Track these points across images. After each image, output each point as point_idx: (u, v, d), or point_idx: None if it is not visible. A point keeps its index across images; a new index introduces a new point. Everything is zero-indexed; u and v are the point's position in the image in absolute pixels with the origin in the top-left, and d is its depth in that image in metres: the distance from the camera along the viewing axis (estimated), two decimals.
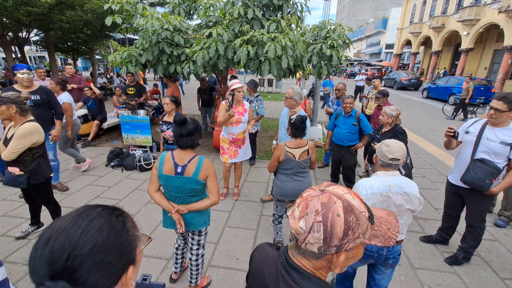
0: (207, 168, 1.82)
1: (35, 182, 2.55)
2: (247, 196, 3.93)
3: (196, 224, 1.96)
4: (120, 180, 4.37)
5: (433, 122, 9.34)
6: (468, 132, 2.41)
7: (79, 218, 0.57)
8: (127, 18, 4.71)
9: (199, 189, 1.84)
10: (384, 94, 4.19)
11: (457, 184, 2.50)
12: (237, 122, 3.43)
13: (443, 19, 22.21)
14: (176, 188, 1.84)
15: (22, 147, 2.38)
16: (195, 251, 2.08)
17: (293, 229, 0.69)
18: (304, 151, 2.42)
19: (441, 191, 4.23)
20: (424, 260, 2.72)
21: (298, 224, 0.67)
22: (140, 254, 0.65)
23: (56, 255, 0.51)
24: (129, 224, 0.64)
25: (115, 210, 0.63)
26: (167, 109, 3.45)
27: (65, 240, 0.52)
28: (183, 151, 1.83)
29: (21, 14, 8.41)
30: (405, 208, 1.70)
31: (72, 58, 18.31)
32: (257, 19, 4.37)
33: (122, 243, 0.59)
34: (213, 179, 1.84)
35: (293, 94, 3.12)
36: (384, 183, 1.69)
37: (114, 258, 0.56)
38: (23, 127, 2.38)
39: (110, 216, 0.60)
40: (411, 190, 1.68)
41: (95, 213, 0.59)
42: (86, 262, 0.52)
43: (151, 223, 3.19)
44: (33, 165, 2.50)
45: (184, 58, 4.42)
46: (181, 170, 1.80)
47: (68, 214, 0.59)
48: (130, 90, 6.29)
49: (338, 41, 4.41)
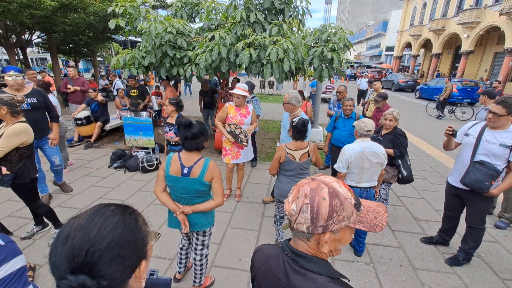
0: (213, 170, 1.85)
1: (20, 182, 2.57)
2: (249, 197, 3.96)
3: (201, 224, 2.00)
4: (123, 181, 4.41)
5: (433, 124, 9.37)
6: (468, 134, 2.44)
7: (95, 216, 0.61)
8: (130, 21, 4.78)
9: (204, 190, 1.88)
10: (384, 97, 4.23)
11: (457, 185, 2.53)
12: (240, 123, 3.47)
13: (443, 22, 22.32)
14: (182, 189, 1.87)
15: (9, 146, 2.40)
16: (199, 251, 2.12)
17: (286, 211, 0.79)
18: (304, 153, 2.46)
19: (441, 193, 4.25)
20: (425, 261, 2.75)
21: (290, 206, 0.77)
22: (150, 249, 0.70)
23: (76, 251, 0.54)
24: (141, 221, 0.68)
25: (127, 208, 0.68)
26: (167, 111, 3.51)
27: (83, 237, 0.56)
28: (189, 153, 1.87)
29: (25, 17, 8.48)
30: (375, 162, 2.48)
31: (74, 60, 18.40)
32: (259, 23, 4.43)
33: (136, 239, 0.63)
34: (218, 180, 1.88)
35: (290, 99, 3.17)
36: (361, 146, 2.48)
37: (129, 252, 0.60)
38: (13, 127, 2.43)
39: (123, 214, 0.64)
40: (378, 149, 2.48)
41: (109, 211, 0.63)
42: (104, 256, 0.56)
43: (154, 224, 3.22)
44: (19, 165, 2.52)
45: (186, 61, 4.47)
46: (187, 171, 1.83)
47: (83, 212, 0.63)
48: (133, 92, 6.36)
49: (339, 44, 4.46)
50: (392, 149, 3.04)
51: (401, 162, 3.06)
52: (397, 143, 3.04)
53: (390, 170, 3.12)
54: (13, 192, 2.70)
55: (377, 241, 3.04)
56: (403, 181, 3.12)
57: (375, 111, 4.37)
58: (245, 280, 2.44)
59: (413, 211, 3.70)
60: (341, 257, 2.76)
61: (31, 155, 2.65)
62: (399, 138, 3.03)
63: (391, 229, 3.27)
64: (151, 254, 0.71)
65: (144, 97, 6.44)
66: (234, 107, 3.51)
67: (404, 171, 3.06)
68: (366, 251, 2.88)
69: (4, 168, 2.44)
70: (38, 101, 3.40)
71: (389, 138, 3.11)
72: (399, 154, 3.03)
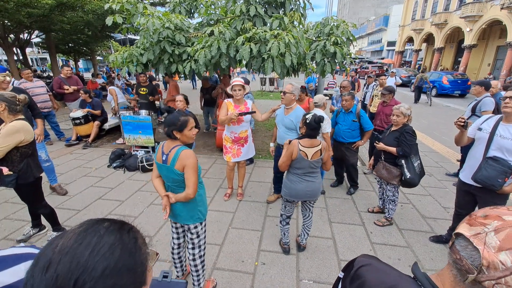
0: (184, 158, 1.75)
1: (24, 182, 2.47)
2: (251, 196, 3.87)
3: (184, 217, 1.94)
4: (123, 181, 4.32)
5: (437, 120, 9.23)
6: (481, 129, 2.32)
7: (86, 235, 0.49)
8: (128, 17, 4.66)
9: (179, 180, 1.82)
10: (390, 90, 4.10)
11: (468, 182, 2.41)
12: (239, 121, 3.36)
13: (446, 16, 22.02)
14: (165, 176, 1.90)
15: (7, 145, 2.30)
16: (191, 250, 2.04)
17: (486, 260, 0.53)
18: (317, 151, 2.35)
19: (448, 189, 4.15)
20: (435, 261, 2.65)
21: (497, 256, 0.52)
22: (150, 272, 0.58)
23: (61, 281, 0.43)
24: (140, 240, 0.57)
25: (125, 225, 0.56)
26: (180, 106, 3.62)
27: (71, 262, 0.45)
28: (170, 141, 1.85)
29: (22, 16, 8.38)
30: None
31: (73, 59, 18.32)
32: (259, 16, 4.30)
33: (136, 263, 0.52)
34: (189, 171, 1.76)
35: (294, 89, 3.13)
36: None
37: (128, 280, 0.49)
38: (10, 125, 2.33)
39: (120, 232, 0.53)
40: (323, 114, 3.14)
41: (103, 229, 0.52)
42: (97, 287, 0.45)
43: (154, 225, 3.14)
44: (21, 165, 2.43)
45: (185, 57, 4.36)
46: (165, 158, 1.82)
47: (70, 230, 0.51)
48: (142, 91, 6.21)
49: (342, 38, 4.33)
50: (396, 147, 2.87)
51: (405, 163, 2.86)
52: (402, 141, 2.83)
53: (392, 170, 2.93)
54: (15, 193, 2.59)
55: (385, 241, 2.94)
56: (406, 184, 2.91)
57: (381, 106, 4.23)
58: (248, 284, 2.35)
59: (420, 208, 3.60)
60: (348, 258, 2.66)
61: (33, 154, 2.56)
62: (405, 136, 2.82)
63: (398, 228, 3.16)
64: (151, 277, 0.60)
65: (154, 95, 6.28)
66: (233, 104, 3.41)
67: (407, 173, 2.83)
68: (373, 251, 2.78)
69: (6, 168, 2.32)
70: None
71: (394, 136, 2.93)
72: (402, 153, 2.82)
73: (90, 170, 4.69)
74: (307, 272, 2.49)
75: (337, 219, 3.32)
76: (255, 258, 2.66)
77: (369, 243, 2.90)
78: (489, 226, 0.55)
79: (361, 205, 3.65)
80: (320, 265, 2.57)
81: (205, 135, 6.86)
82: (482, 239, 0.55)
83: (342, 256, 2.69)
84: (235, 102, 3.39)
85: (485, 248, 0.54)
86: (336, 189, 4.14)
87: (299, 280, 2.40)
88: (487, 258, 0.53)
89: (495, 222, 0.55)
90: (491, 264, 0.52)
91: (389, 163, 2.98)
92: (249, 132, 3.56)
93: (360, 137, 3.79)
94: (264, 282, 2.36)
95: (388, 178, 2.97)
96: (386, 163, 3.00)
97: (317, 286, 2.33)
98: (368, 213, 3.47)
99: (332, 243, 2.89)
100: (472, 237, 0.56)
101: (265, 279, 2.40)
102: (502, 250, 0.51)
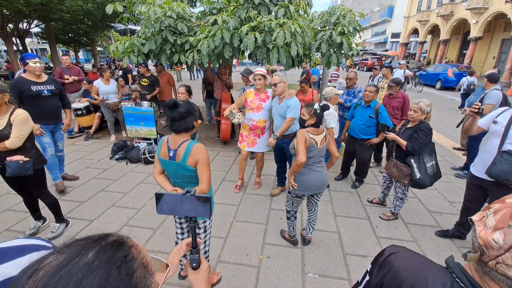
0: (197, 153, 1.68)
1: (39, 167, 2.57)
2: (255, 189, 3.83)
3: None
4: (125, 173, 4.29)
5: (441, 112, 9.10)
6: (496, 122, 2.25)
7: (67, 265, 0.40)
8: (129, 6, 4.54)
9: (190, 175, 1.75)
10: (397, 82, 4.00)
11: (481, 176, 2.36)
12: (258, 108, 3.31)
13: (452, 7, 21.54)
14: (172, 173, 1.81)
15: (26, 132, 2.40)
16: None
17: (481, 239, 0.57)
18: (323, 138, 2.34)
19: (454, 183, 4.10)
20: (441, 256, 2.61)
21: (491, 235, 0.55)
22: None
23: None
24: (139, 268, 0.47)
25: (120, 246, 0.47)
26: (182, 98, 3.49)
27: None
28: (177, 136, 1.74)
29: (20, 4, 8.24)
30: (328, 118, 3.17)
31: (73, 49, 18.12)
32: (264, 4, 4.17)
33: None
34: (203, 166, 1.70)
35: (281, 77, 3.11)
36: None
37: None
38: (19, 114, 2.36)
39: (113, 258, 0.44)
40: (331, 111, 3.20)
41: (92, 255, 0.43)
42: None
43: (158, 217, 3.11)
44: (33, 151, 2.53)
45: (188, 47, 4.25)
46: (173, 154, 1.73)
47: (49, 255, 0.42)
48: (144, 82, 6.12)
49: (349, 28, 4.20)
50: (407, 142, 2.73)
51: (416, 162, 2.69)
52: (414, 138, 2.66)
53: (403, 168, 2.80)
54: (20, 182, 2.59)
55: (390, 235, 2.91)
56: (415, 185, 2.76)
57: (387, 98, 4.14)
58: (253, 277, 2.33)
59: (426, 203, 3.55)
60: (353, 252, 2.64)
61: (34, 141, 2.66)
62: (418, 133, 2.64)
63: (404, 222, 3.13)
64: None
65: (154, 88, 6.18)
66: (254, 92, 3.37)
67: (417, 173, 2.68)
68: (379, 245, 2.75)
69: (23, 156, 2.40)
70: (56, 88, 3.51)
71: (408, 133, 2.77)
72: (411, 149, 2.66)
73: (92, 162, 4.66)
74: (312, 265, 2.46)
75: (342, 213, 3.29)
76: (260, 251, 2.63)
77: (374, 237, 2.87)
78: (491, 209, 0.60)
79: (366, 199, 3.60)
80: (326, 259, 2.55)
81: (207, 127, 6.79)
82: (483, 221, 0.59)
83: (348, 250, 2.67)
84: (256, 91, 3.36)
85: (482, 229, 0.58)
86: (341, 182, 4.09)
87: (305, 273, 2.37)
88: (482, 237, 0.57)
89: (496, 204, 0.60)
90: (487, 243, 0.56)
91: (400, 161, 2.87)
92: (267, 124, 3.48)
93: (375, 134, 3.59)
94: (269, 275, 2.34)
95: (398, 176, 2.88)
96: (397, 161, 2.90)
97: (322, 280, 2.31)
98: (373, 207, 3.43)
99: (337, 237, 2.86)
100: (478, 221, 0.60)
101: (270, 272, 2.38)
102: (497, 229, 0.55)
